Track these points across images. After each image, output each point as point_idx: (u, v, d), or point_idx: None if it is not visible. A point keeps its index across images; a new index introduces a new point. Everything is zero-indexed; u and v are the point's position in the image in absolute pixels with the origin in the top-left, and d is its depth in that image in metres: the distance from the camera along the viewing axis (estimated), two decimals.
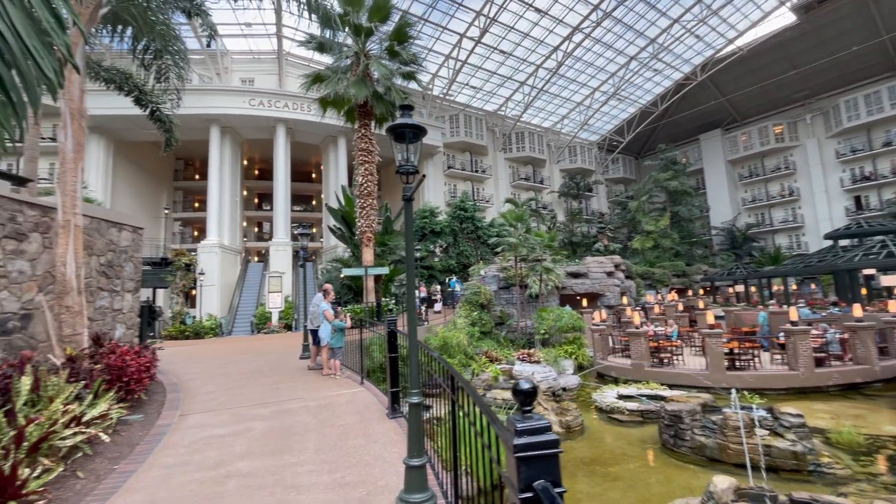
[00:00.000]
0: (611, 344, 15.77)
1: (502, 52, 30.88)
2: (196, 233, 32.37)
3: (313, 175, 36.82)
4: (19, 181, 7.34)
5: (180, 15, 10.97)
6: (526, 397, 1.48)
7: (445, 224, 26.31)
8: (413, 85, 16.43)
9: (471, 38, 28.46)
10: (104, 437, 4.52)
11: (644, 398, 10.98)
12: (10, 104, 3.06)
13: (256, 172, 35.26)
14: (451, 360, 12.25)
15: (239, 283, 25.35)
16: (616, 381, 13.32)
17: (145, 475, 4.02)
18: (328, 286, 8.52)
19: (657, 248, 33.54)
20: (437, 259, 25.89)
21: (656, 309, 21.47)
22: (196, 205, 31.93)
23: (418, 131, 3.64)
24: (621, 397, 11.14)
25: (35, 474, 3.54)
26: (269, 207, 31.60)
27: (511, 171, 39.31)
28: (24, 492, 3.27)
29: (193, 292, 23.75)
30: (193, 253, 24.07)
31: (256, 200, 36.49)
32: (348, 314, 8.39)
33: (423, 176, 3.93)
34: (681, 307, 21.57)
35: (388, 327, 5.46)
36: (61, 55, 4.63)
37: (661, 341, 13.87)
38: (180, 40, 9.83)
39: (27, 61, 3.12)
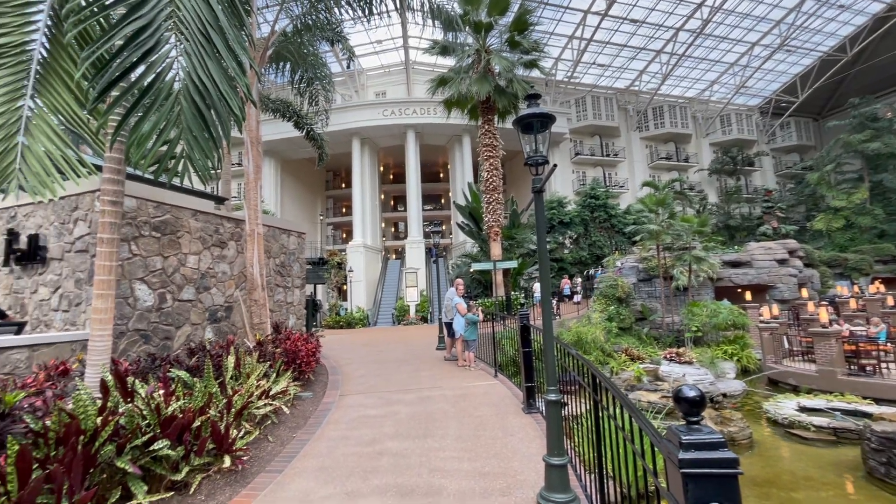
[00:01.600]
0: (787, 345, 13.23)
1: (633, 21, 28.11)
2: (344, 235, 36.65)
3: (441, 174, 38.60)
4: (219, 200, 9.20)
5: (325, 44, 12.47)
6: (692, 406, 1.30)
7: (575, 214, 25.13)
8: (535, 73, 16.02)
9: (596, 13, 26.55)
10: (286, 409, 5.40)
11: (838, 413, 8.96)
12: (211, 138, 3.81)
13: (391, 177, 38.41)
14: (587, 357, 11.69)
15: (381, 279, 27.94)
16: (795, 391, 11.14)
17: (316, 444, 4.68)
18: (459, 281, 8.83)
19: (850, 227, 27.05)
20: (566, 251, 24.90)
21: (852, 304, 17.31)
22: (343, 210, 36.14)
23: (546, 120, 3.51)
24: (804, 410, 9.28)
25: (240, 435, 4.39)
26: (402, 208, 34.13)
27: (648, 152, 35.67)
28: (234, 448, 4.09)
29: (344, 287, 26.96)
30: (343, 252, 27.32)
31: (392, 202, 39.72)
32: (480, 307, 8.57)
33: (554, 165, 3.78)
34: (891, 301, 17.00)
35: (520, 321, 5.41)
36: (243, 94, 5.63)
37: (861, 344, 11.14)
38: (326, 66, 11.16)
39: (220, 103, 3.85)
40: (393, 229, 39.94)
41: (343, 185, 36.48)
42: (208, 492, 3.71)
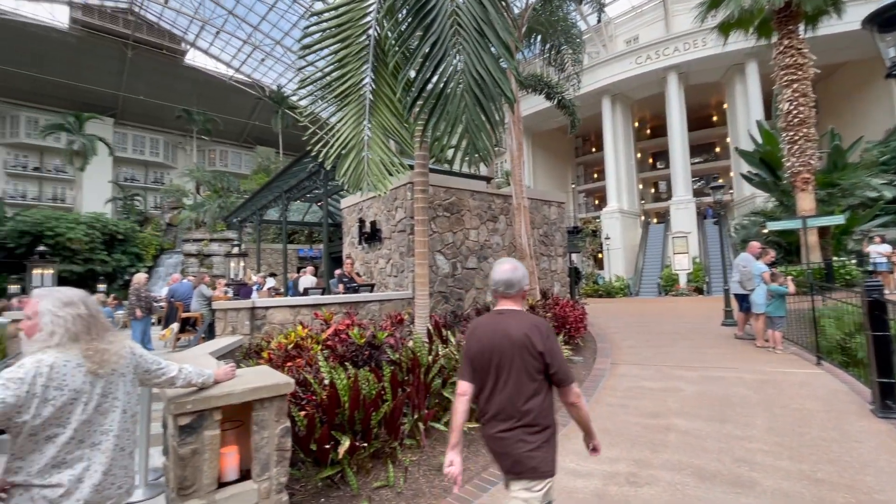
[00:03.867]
0: None
1: None
2: (597, 201, 35.39)
3: (714, 118, 32.08)
4: (487, 179, 10.36)
5: (570, 3, 12.05)
6: None
7: None
8: None
9: None
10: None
11: None
12: (489, 123, 4.27)
13: (648, 132, 34.45)
14: None
15: (641, 246, 25.82)
16: None
17: (594, 408, 4.80)
18: (754, 244, 7.23)
19: None
20: None
21: None
22: (595, 176, 34.86)
23: None
24: None
25: None
26: (663, 165, 30.24)
27: None
28: None
29: (600, 255, 26.21)
30: (597, 220, 26.49)
31: (650, 161, 35.70)
32: (789, 277, 6.83)
33: None
34: None
35: (867, 295, 4.02)
36: (513, 76, 6.08)
37: None
38: (576, 26, 10.80)
39: (495, 89, 4.25)
40: (652, 190, 35.99)
41: (593, 150, 35.07)
42: None
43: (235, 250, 7.55)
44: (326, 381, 3.65)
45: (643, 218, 29.69)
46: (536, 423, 1.91)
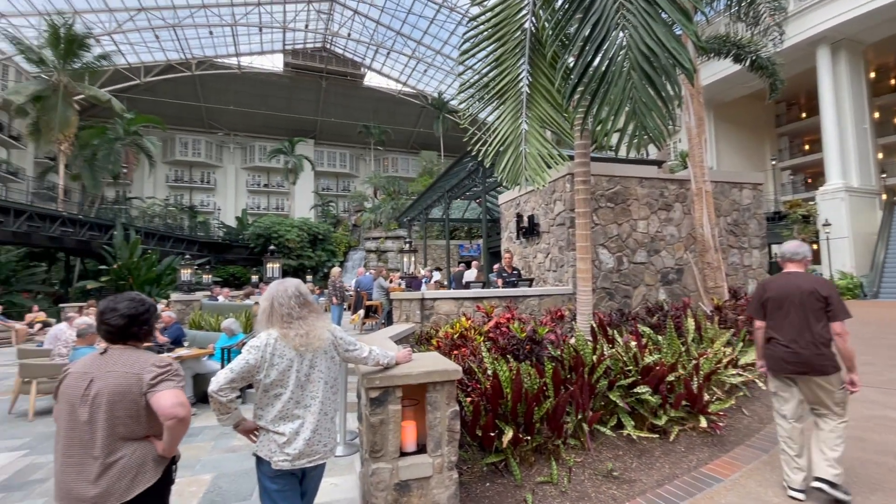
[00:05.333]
0: None
1: None
2: (809, 179, 28.39)
3: None
4: (658, 164, 9.27)
5: None
6: None
7: None
8: None
9: None
10: (760, 383, 4.81)
11: None
12: (661, 100, 3.81)
13: (891, 83, 26.03)
14: None
15: (882, 234, 19.79)
16: None
17: None
18: None
19: None
20: None
21: None
22: (806, 147, 28.01)
23: None
24: None
25: (712, 400, 4.29)
26: None
27: None
28: (707, 410, 4.05)
29: (815, 246, 20.96)
30: (810, 202, 21.24)
31: (895, 122, 26.95)
32: None
33: None
34: None
35: None
36: (693, 42, 5.33)
37: None
38: None
39: (668, 61, 3.77)
40: None
41: (802, 116, 28.19)
42: (686, 445, 3.85)
43: (406, 247, 8.41)
44: (489, 372, 3.79)
45: (884, 197, 22.65)
46: (823, 340, 2.97)
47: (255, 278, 22.04)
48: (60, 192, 21.96)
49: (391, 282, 10.03)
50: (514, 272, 7.48)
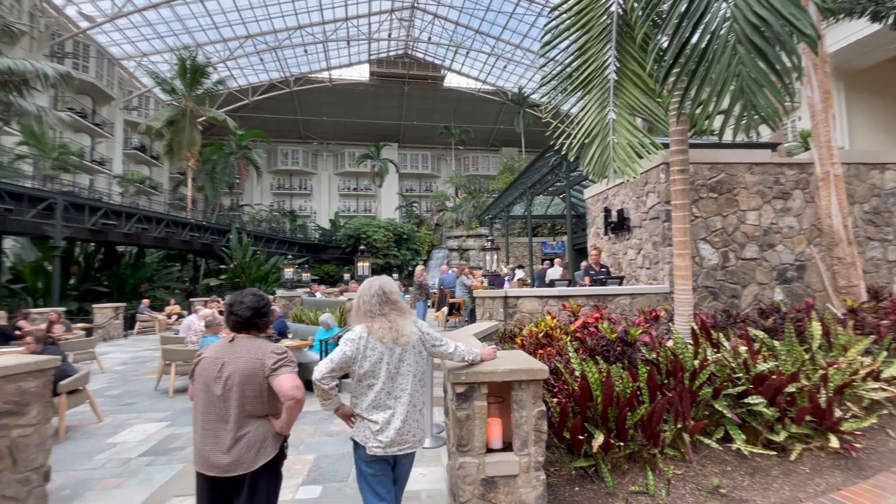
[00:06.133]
0: None
1: None
2: None
3: None
4: (772, 147, 8.20)
5: None
6: None
7: None
8: None
9: None
10: None
11: None
12: (776, 74, 3.37)
13: None
14: None
15: None
16: None
17: None
18: None
19: None
20: None
21: None
22: None
23: None
24: None
25: (845, 416, 3.70)
26: None
27: None
28: (839, 428, 3.50)
29: None
30: None
31: None
32: None
33: None
34: None
35: None
36: (812, 2, 4.65)
37: None
38: None
39: (784, 28, 3.32)
40: None
41: None
42: (812, 466, 3.38)
43: (488, 245, 8.42)
44: (577, 373, 3.66)
45: None
46: None
47: (346, 276, 23.58)
48: (189, 202, 25.46)
49: (474, 279, 10.11)
50: (603, 270, 7.12)
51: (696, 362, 3.82)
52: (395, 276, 27.44)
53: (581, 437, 3.16)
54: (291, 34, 31.45)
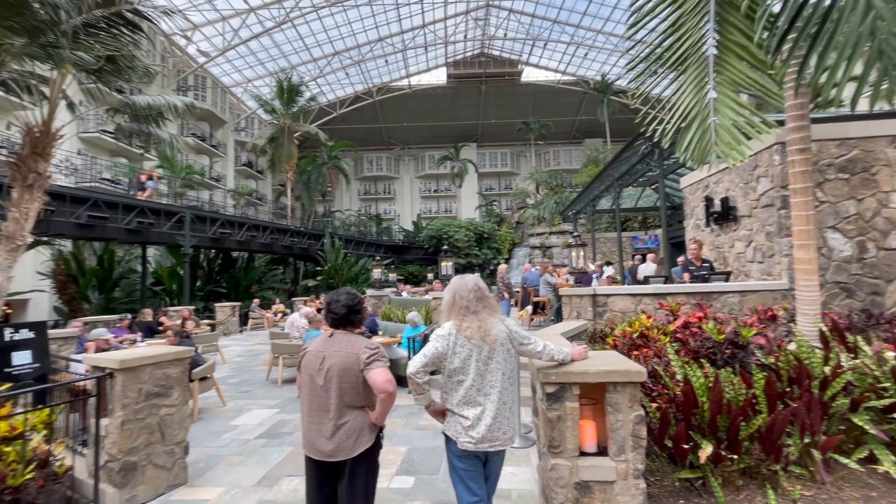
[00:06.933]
0: None
1: None
2: None
3: None
4: None
5: None
6: None
7: None
8: None
9: None
10: None
11: None
12: None
13: None
14: None
15: None
16: None
17: None
18: None
19: None
20: None
21: None
22: None
23: None
24: None
25: None
26: None
27: None
28: None
29: None
30: None
31: None
32: None
33: None
34: None
35: None
36: None
37: None
38: None
39: None
40: None
41: None
42: None
43: (574, 241, 8.10)
44: (678, 377, 3.38)
45: None
46: None
47: (430, 276, 24.19)
48: (289, 210, 28.00)
49: (558, 277, 9.80)
50: (705, 264, 6.48)
51: (827, 369, 3.32)
52: (477, 274, 27.59)
53: (686, 447, 2.91)
54: (373, 46, 33.11)
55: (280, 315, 16.06)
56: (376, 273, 12.24)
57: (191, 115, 12.95)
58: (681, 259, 7.42)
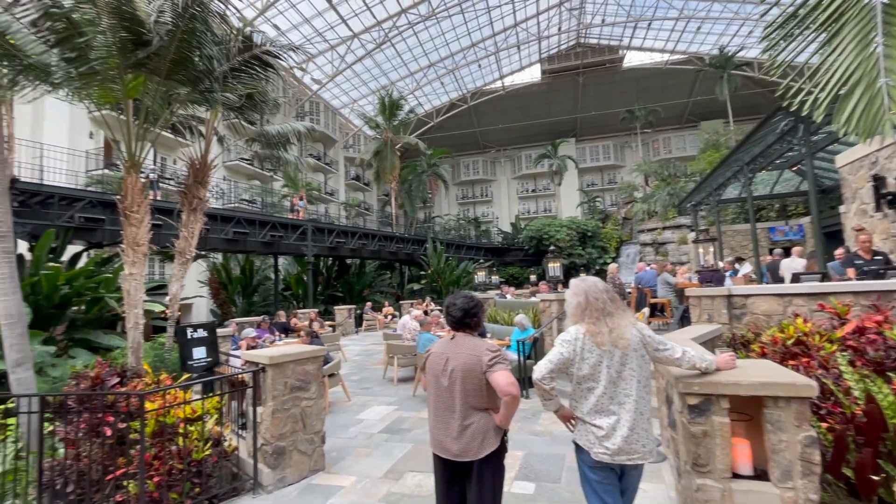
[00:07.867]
0: None
1: None
2: None
3: None
4: None
5: None
6: None
7: None
8: None
9: None
10: None
11: None
12: None
13: None
14: None
15: None
16: None
17: None
18: None
19: None
20: None
21: None
22: None
23: None
24: None
25: None
26: None
27: None
28: None
29: None
30: None
31: None
32: None
33: None
34: None
35: None
36: None
37: None
38: None
39: None
40: None
41: None
42: None
43: (700, 236, 7.28)
44: (856, 393, 2.82)
45: None
46: None
47: (533, 277, 23.72)
48: (393, 218, 29.72)
49: (679, 276, 8.88)
50: (878, 257, 5.34)
51: None
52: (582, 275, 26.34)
53: (875, 478, 2.41)
54: (466, 53, 33.70)
55: (389, 317, 17.05)
56: (480, 275, 12.34)
57: (309, 138, 14.56)
58: (839, 252, 6.21)
